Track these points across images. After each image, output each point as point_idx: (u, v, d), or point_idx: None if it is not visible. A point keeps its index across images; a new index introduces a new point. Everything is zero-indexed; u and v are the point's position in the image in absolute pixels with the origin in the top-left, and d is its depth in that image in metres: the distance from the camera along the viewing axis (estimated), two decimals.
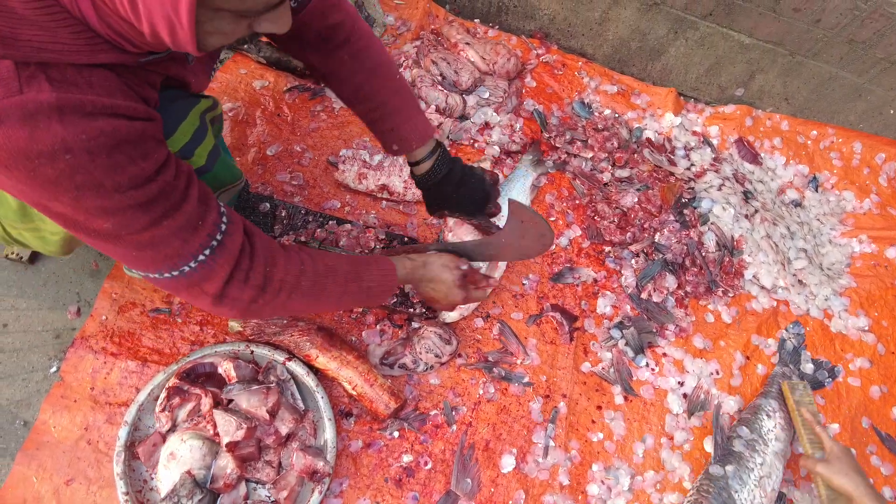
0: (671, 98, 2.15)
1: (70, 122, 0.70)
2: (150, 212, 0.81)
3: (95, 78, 0.74)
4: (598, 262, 1.80)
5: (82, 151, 0.72)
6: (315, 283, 1.02)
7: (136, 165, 0.77)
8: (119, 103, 0.76)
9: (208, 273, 0.89)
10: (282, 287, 0.98)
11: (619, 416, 1.59)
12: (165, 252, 0.85)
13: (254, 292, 0.95)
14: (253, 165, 1.72)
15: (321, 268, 1.04)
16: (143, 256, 0.85)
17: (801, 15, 1.83)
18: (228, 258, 0.90)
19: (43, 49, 0.69)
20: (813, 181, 2.12)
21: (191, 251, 0.87)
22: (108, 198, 0.76)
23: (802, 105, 2.20)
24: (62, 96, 0.70)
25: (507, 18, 2.17)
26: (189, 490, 1.24)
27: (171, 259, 0.86)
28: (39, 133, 0.69)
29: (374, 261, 1.15)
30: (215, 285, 0.91)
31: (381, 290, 1.16)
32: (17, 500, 1.29)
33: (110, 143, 0.74)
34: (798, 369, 1.72)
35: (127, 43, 0.76)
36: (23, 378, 1.43)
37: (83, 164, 0.72)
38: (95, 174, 0.74)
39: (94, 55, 0.74)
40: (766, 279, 1.84)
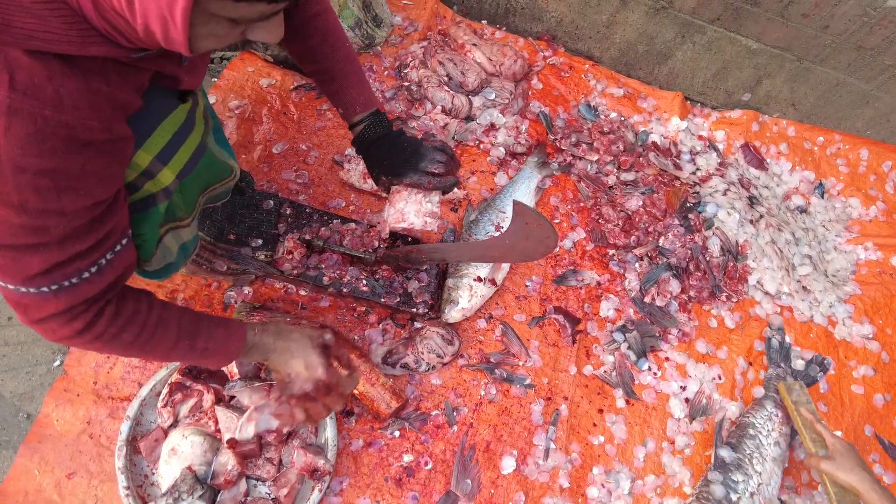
0: (678, 102, 2.15)
1: (13, 136, 0.69)
2: (37, 236, 0.78)
3: (66, 89, 0.73)
4: (601, 264, 1.80)
5: (11, 164, 0.70)
6: (139, 335, 0.95)
7: (56, 195, 0.75)
8: (78, 122, 0.74)
9: (40, 303, 0.84)
10: (100, 337, 0.92)
11: (620, 420, 1.59)
12: (19, 269, 0.80)
13: (70, 332, 0.89)
14: (259, 163, 1.73)
15: (153, 320, 0.97)
16: None
17: (809, 21, 1.82)
18: (69, 301, 0.85)
19: (33, 37, 0.69)
20: (819, 187, 2.12)
21: (42, 282, 0.82)
22: (7, 209, 0.73)
23: (809, 111, 2.19)
24: (17, 102, 0.68)
25: (515, 20, 2.17)
26: (190, 486, 1.24)
27: (18, 277, 0.81)
28: None
29: (223, 321, 1.06)
30: (39, 314, 0.86)
31: (218, 354, 1.05)
32: (19, 493, 1.30)
33: (43, 167, 0.72)
34: (790, 367, 1.72)
35: (121, 37, 0.75)
36: (26, 371, 1.44)
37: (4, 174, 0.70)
38: (8, 186, 0.71)
39: (84, 47, 0.73)
40: (770, 285, 1.84)
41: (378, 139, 1.31)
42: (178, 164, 1.02)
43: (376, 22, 2.00)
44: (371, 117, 1.31)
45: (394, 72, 1.99)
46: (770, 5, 1.80)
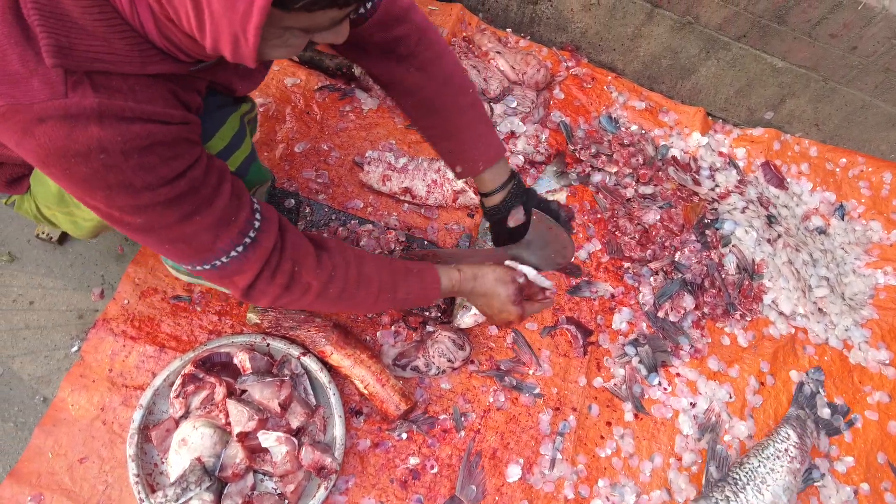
0: (699, 117, 2.14)
1: (108, 125, 0.73)
2: (179, 208, 0.83)
3: (139, 86, 0.77)
4: (616, 277, 1.79)
5: (116, 152, 0.74)
6: (344, 290, 1.02)
7: (166, 165, 0.80)
8: (157, 110, 0.78)
9: (239, 268, 0.91)
10: (307, 289, 0.99)
11: (628, 434, 1.58)
12: (196, 247, 0.87)
13: (279, 290, 0.96)
14: (280, 161, 1.75)
15: (353, 276, 1.03)
16: (176, 250, 0.88)
17: (837, 41, 1.81)
18: (260, 256, 0.92)
19: (97, 59, 0.72)
20: (839, 209, 2.10)
21: (222, 247, 0.89)
22: (138, 196, 0.79)
23: (833, 132, 2.17)
24: (104, 102, 0.72)
25: (539, 29, 2.18)
26: (198, 477, 1.26)
27: (202, 253, 0.88)
28: (77, 134, 0.71)
29: (416, 271, 1.12)
30: (245, 280, 0.93)
31: (418, 301, 1.14)
32: (32, 474, 1.32)
33: (143, 145, 0.76)
34: (814, 413, 1.69)
35: (181, 53, 0.78)
36: (45, 355, 1.47)
37: (116, 164, 0.75)
38: (127, 174, 0.76)
39: (145, 66, 0.76)
40: (785, 305, 1.82)
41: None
42: (234, 166, 1.07)
43: None
44: (507, 186, 1.19)
45: None
46: (798, 24, 1.79)
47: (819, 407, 1.71)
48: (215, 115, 1.01)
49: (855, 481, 1.64)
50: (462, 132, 1.16)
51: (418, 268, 1.13)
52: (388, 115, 1.91)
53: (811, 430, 1.65)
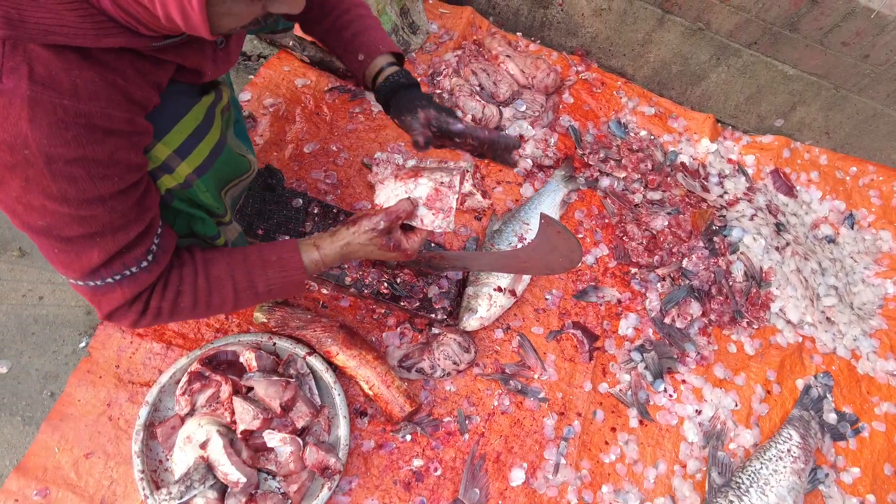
0: (709, 124, 2.13)
1: (37, 125, 0.71)
2: (86, 226, 0.81)
3: (83, 80, 0.74)
4: (623, 282, 1.79)
5: (41, 153, 0.72)
6: (196, 300, 1.00)
7: (91, 182, 0.77)
8: (97, 110, 0.75)
9: (108, 293, 0.90)
10: (160, 311, 0.98)
11: (633, 440, 1.58)
12: (82, 263, 0.85)
13: (135, 316, 0.96)
14: (289, 161, 1.76)
15: (202, 284, 1.01)
16: (61, 258, 0.85)
17: (849, 49, 1.80)
18: (132, 290, 0.91)
19: (50, 32, 0.70)
20: (849, 218, 2.09)
21: (104, 272, 0.87)
22: (51, 201, 0.76)
23: (843, 140, 2.16)
24: (37, 93, 0.70)
25: (550, 34, 2.18)
26: (202, 475, 1.26)
27: (83, 271, 0.86)
28: (7, 125, 0.70)
29: (275, 260, 1.08)
30: (110, 305, 0.92)
31: (286, 289, 1.11)
32: (38, 468, 1.33)
33: (72, 156, 0.74)
34: (819, 417, 1.68)
35: (141, 26, 0.76)
36: (53, 350, 1.48)
37: (37, 164, 0.73)
38: (45, 177, 0.74)
39: (100, 38, 0.74)
40: (792, 314, 1.81)
41: (409, 87, 1.21)
42: (197, 159, 1.02)
43: (412, 29, 2.03)
44: (399, 65, 1.23)
45: (427, 79, 2.00)
46: (809, 32, 1.79)
47: (826, 412, 1.70)
48: (177, 105, 0.97)
49: (861, 492, 1.63)
50: (357, 21, 1.21)
51: (277, 255, 1.09)
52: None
53: (815, 432, 1.64)
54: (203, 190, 1.06)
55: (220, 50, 0.99)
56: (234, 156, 1.20)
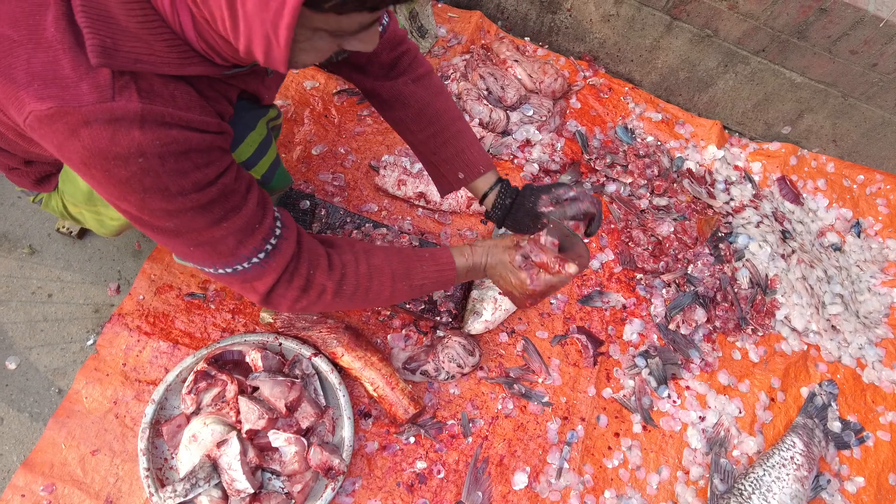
0: (715, 130, 2.13)
1: (149, 130, 0.75)
2: (209, 213, 0.85)
3: (178, 93, 0.80)
4: (628, 288, 1.79)
5: (154, 156, 0.77)
6: (357, 286, 1.03)
7: (199, 171, 0.82)
8: (195, 118, 0.81)
9: (259, 274, 0.94)
10: (323, 291, 1.00)
11: (636, 445, 1.58)
12: (221, 251, 0.90)
13: (297, 293, 0.98)
14: (297, 163, 1.77)
15: (363, 270, 1.03)
16: (201, 253, 0.90)
17: (857, 57, 1.80)
18: (280, 262, 0.94)
19: (140, 60, 0.75)
20: (856, 226, 2.08)
21: (245, 253, 0.91)
22: (172, 200, 0.81)
23: (851, 148, 2.16)
24: (147, 107, 0.75)
25: (558, 39, 2.18)
26: (207, 473, 1.27)
27: (226, 258, 0.91)
28: (120, 136, 0.74)
29: (429, 255, 1.10)
30: (265, 285, 0.95)
31: (437, 285, 1.12)
32: (45, 464, 1.34)
33: (180, 150, 0.79)
34: (823, 426, 1.68)
35: (217, 56, 0.80)
36: (61, 347, 1.49)
37: (153, 168, 0.77)
38: (162, 178, 0.79)
39: (183, 67, 0.79)
40: (798, 321, 1.81)
41: (509, 209, 1.23)
42: (259, 173, 1.10)
43: (421, 32, 2.03)
44: (498, 188, 1.24)
45: None
46: (818, 40, 1.79)
47: (830, 420, 1.69)
48: (245, 121, 1.03)
49: (865, 502, 1.62)
50: (459, 138, 1.22)
51: (430, 252, 1.11)
52: None
53: (819, 440, 1.63)
54: None
55: (269, 77, 1.04)
56: (285, 170, 1.27)
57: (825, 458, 1.64)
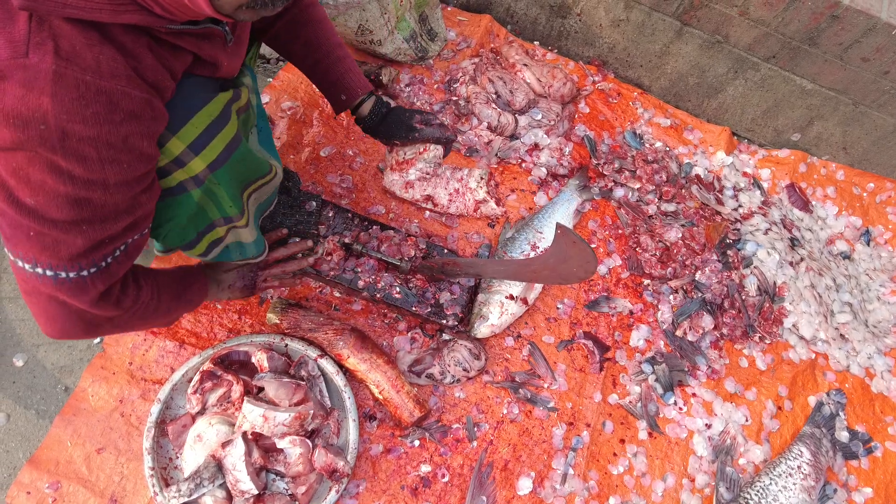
0: (724, 137, 2.13)
1: (59, 100, 0.71)
2: (76, 211, 0.80)
3: (104, 58, 0.76)
4: (635, 294, 1.78)
5: (57, 129, 0.73)
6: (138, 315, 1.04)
7: (100, 165, 0.78)
8: (118, 88, 0.76)
9: (79, 289, 0.88)
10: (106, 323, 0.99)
11: (641, 452, 1.57)
12: (60, 250, 0.83)
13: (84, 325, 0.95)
14: (306, 164, 1.77)
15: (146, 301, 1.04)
16: (36, 243, 0.82)
17: (869, 65, 1.79)
18: (102, 285, 0.90)
19: (68, 4, 0.70)
20: (865, 234, 2.07)
21: (81, 263, 0.85)
22: (53, 177, 0.76)
23: (861, 156, 2.14)
24: (61, 69, 0.71)
25: (567, 43, 2.18)
26: (211, 473, 1.27)
27: (61, 259, 0.84)
28: (29, 99, 0.70)
29: (186, 278, 1.22)
30: (82, 304, 0.90)
31: (197, 301, 1.23)
32: (51, 462, 1.34)
33: (87, 134, 0.75)
34: (831, 435, 1.66)
35: (156, 5, 0.76)
36: (68, 345, 1.49)
37: (51, 139, 0.73)
38: (56, 152, 0.74)
39: (117, 14, 0.75)
40: (806, 330, 1.80)
41: (384, 116, 1.49)
42: (211, 155, 1.03)
43: (431, 36, 2.04)
44: (374, 98, 1.46)
45: (443, 86, 2.02)
46: (829, 47, 1.78)
47: (838, 430, 1.68)
48: (194, 98, 0.97)
49: None
50: (339, 64, 1.38)
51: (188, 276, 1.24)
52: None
53: (826, 449, 1.62)
54: (215, 184, 1.06)
55: (229, 45, 1.01)
56: (251, 155, 1.19)
57: (832, 468, 1.63)
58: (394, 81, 1.95)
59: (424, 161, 1.63)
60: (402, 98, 1.94)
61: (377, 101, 1.48)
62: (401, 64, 2.01)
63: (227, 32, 0.97)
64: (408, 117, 1.52)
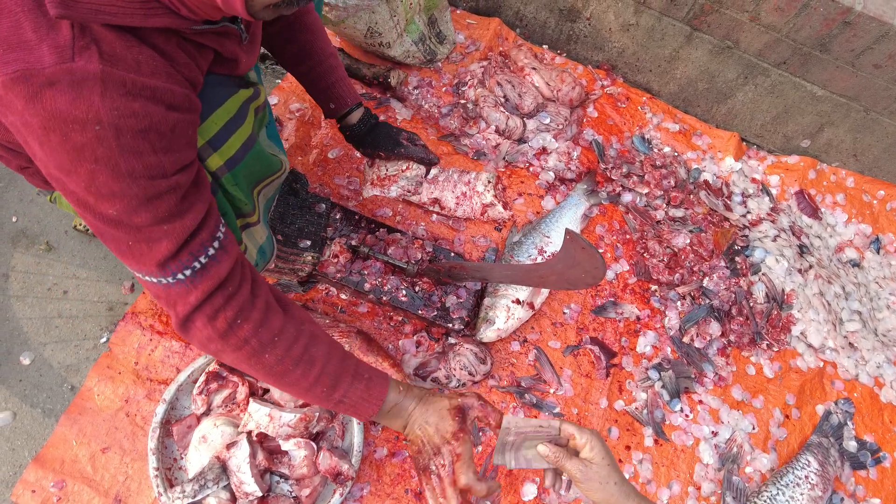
0: (733, 142, 2.11)
1: (108, 97, 0.74)
2: (153, 209, 0.82)
3: (143, 58, 0.78)
4: (642, 299, 1.77)
5: (111, 126, 0.75)
6: (280, 361, 0.96)
7: (155, 156, 0.80)
8: (160, 85, 0.79)
9: (183, 293, 0.88)
10: (243, 345, 0.93)
11: (647, 459, 1.56)
12: (152, 254, 0.85)
13: (213, 334, 0.92)
14: (313, 166, 1.77)
15: (297, 351, 0.97)
16: (134, 254, 0.85)
17: (881, 72, 1.78)
18: (205, 286, 0.89)
19: (100, 11, 0.73)
20: (875, 242, 2.05)
21: (172, 267, 0.86)
22: (119, 180, 0.78)
23: (872, 163, 2.13)
24: (108, 70, 0.73)
25: (576, 47, 2.18)
26: (216, 475, 1.27)
27: (155, 263, 0.85)
28: (81, 101, 0.73)
29: (367, 377, 1.03)
30: (185, 308, 0.89)
31: (351, 410, 1.03)
32: (56, 460, 1.35)
33: (139, 127, 0.77)
34: (839, 445, 1.65)
35: (182, 7, 0.79)
36: (75, 344, 1.50)
37: (107, 139, 0.75)
38: (115, 153, 0.76)
39: (147, 18, 0.77)
40: (814, 338, 1.78)
41: (372, 128, 1.57)
42: (229, 152, 1.05)
43: (440, 38, 2.04)
44: (362, 109, 1.53)
45: (451, 88, 2.01)
46: (841, 53, 1.77)
47: (846, 439, 1.66)
48: (214, 95, 1.00)
49: None
50: (331, 73, 1.44)
51: (370, 374, 1.04)
52: (421, 125, 1.93)
53: (834, 459, 1.60)
54: (232, 183, 1.09)
55: (244, 43, 1.03)
56: (265, 154, 1.22)
57: (840, 478, 1.61)
58: (402, 84, 1.95)
59: (406, 179, 1.69)
60: (410, 100, 1.94)
61: (366, 112, 1.55)
62: (409, 66, 2.01)
63: (242, 31, 0.99)
64: (395, 133, 1.59)
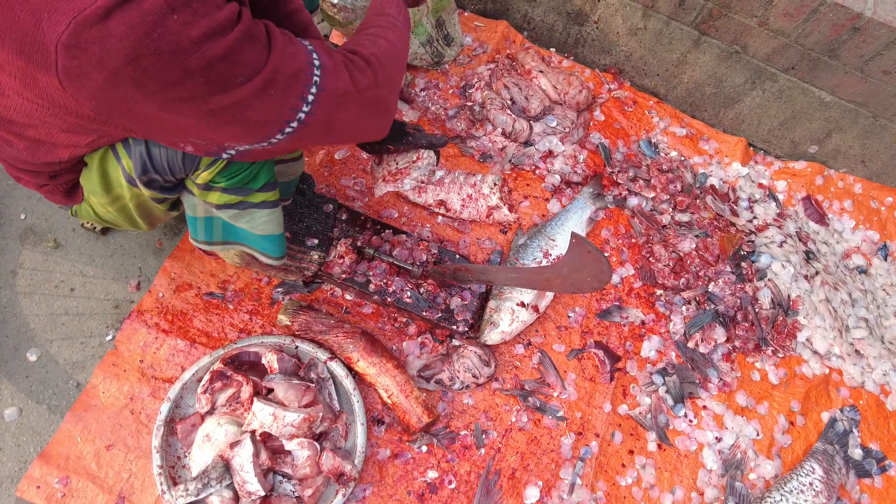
0: (740, 147, 2.11)
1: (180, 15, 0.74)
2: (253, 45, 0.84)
3: None
4: (647, 304, 1.77)
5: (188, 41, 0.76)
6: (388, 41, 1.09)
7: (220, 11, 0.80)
8: None
9: (334, 77, 0.95)
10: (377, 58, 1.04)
11: (650, 464, 1.55)
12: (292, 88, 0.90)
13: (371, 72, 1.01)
14: (320, 167, 1.78)
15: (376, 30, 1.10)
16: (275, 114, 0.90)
17: (890, 78, 1.77)
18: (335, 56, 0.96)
19: None
20: (883, 249, 2.04)
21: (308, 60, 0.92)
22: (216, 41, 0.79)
23: (880, 169, 2.12)
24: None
25: (584, 51, 2.18)
26: (219, 474, 1.27)
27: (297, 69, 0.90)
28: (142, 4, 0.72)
29: None
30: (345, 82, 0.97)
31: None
32: (61, 457, 1.35)
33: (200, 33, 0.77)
34: (844, 452, 1.64)
35: None
36: (81, 341, 1.50)
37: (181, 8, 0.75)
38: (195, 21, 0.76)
39: None
40: (820, 344, 1.77)
41: None
42: None
43: (447, 41, 2.04)
44: None
45: (458, 91, 2.02)
46: (850, 59, 1.76)
47: (851, 447, 1.65)
48: None
49: None
50: None
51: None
52: (427, 127, 1.93)
53: (839, 467, 1.59)
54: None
55: None
56: None
57: (845, 485, 1.60)
58: (409, 86, 1.95)
59: (418, 170, 1.62)
60: (417, 102, 1.95)
61: None
62: (416, 68, 2.01)
63: None
64: (399, 125, 1.57)
